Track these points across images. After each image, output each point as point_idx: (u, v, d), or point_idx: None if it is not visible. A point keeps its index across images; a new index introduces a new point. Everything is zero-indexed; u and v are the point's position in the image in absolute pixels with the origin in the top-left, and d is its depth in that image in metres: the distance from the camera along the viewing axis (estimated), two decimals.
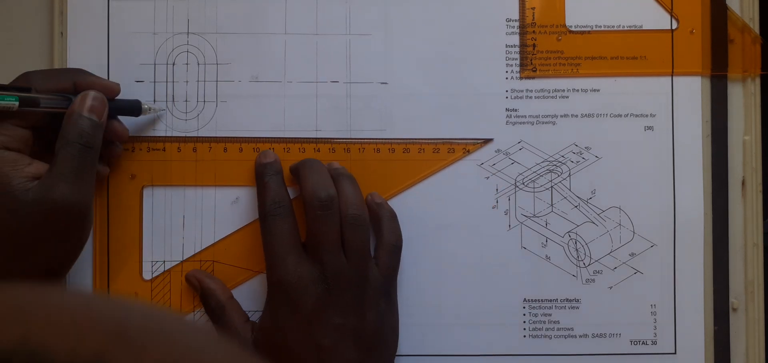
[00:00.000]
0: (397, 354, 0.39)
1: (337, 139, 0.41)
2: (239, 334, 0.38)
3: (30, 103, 0.33)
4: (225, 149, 0.41)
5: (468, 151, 0.41)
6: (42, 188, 0.32)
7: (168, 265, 0.40)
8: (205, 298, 0.39)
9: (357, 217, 0.37)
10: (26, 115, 0.33)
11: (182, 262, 0.40)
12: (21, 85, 0.34)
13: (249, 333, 0.38)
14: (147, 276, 0.40)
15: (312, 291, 0.36)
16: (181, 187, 0.40)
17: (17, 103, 0.32)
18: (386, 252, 0.39)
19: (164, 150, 0.40)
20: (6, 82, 0.40)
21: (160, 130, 0.40)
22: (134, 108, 0.38)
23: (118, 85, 0.38)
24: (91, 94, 0.35)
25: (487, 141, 0.41)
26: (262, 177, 0.38)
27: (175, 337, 0.15)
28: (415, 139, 0.41)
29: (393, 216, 0.40)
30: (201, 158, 0.40)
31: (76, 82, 0.36)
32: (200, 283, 0.39)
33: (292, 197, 0.39)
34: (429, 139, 0.41)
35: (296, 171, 0.39)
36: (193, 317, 0.41)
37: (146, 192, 0.40)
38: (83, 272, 0.36)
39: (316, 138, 0.41)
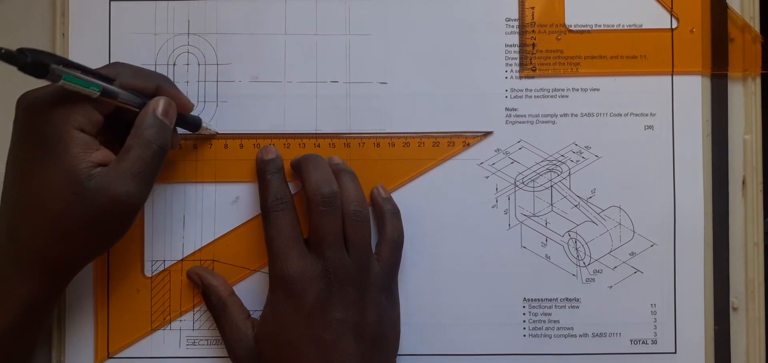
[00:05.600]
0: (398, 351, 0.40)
1: (337, 133, 0.41)
2: (240, 329, 0.38)
3: (109, 94, 0.33)
4: (225, 146, 0.41)
5: (468, 145, 0.41)
6: (106, 178, 0.33)
7: (168, 263, 0.41)
8: (206, 294, 0.39)
9: (358, 213, 0.37)
10: (104, 103, 0.34)
11: (182, 259, 0.41)
12: (108, 73, 0.34)
13: (250, 329, 0.38)
14: (148, 273, 0.41)
15: (314, 286, 0.36)
16: (182, 184, 0.41)
17: (99, 93, 0.33)
18: (388, 247, 0.39)
19: None
20: (8, 83, 0.41)
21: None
22: (195, 123, 0.39)
23: (193, 104, 0.39)
24: (166, 98, 0.36)
25: (487, 134, 0.41)
26: (264, 173, 0.39)
27: None
28: (415, 132, 0.41)
29: (396, 212, 0.40)
30: (201, 156, 0.41)
31: (160, 86, 0.36)
32: (201, 280, 0.39)
33: (293, 192, 0.39)
34: (429, 132, 0.41)
35: (297, 166, 0.39)
36: (193, 314, 0.41)
37: None
38: (84, 270, 0.36)
39: (316, 133, 0.41)
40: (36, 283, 0.34)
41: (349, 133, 0.41)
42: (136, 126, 0.34)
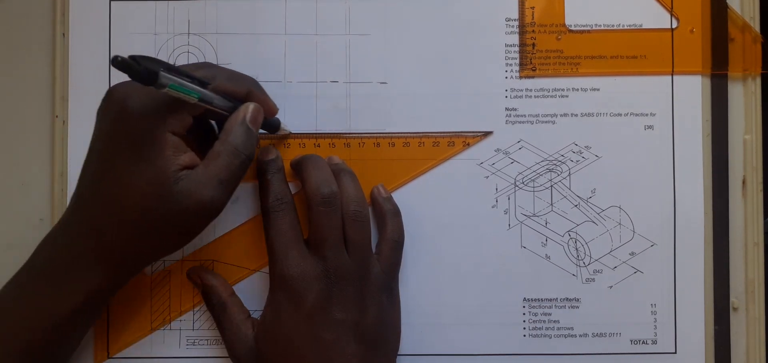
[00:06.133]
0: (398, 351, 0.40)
1: (337, 133, 0.41)
2: (240, 330, 0.38)
3: (206, 100, 0.34)
4: None
5: (468, 144, 0.41)
6: (193, 182, 0.33)
7: (168, 263, 0.41)
8: (206, 294, 0.39)
9: (358, 213, 0.37)
10: (198, 107, 0.34)
11: (182, 259, 0.41)
12: (204, 75, 0.34)
13: (250, 329, 0.38)
14: (148, 273, 0.41)
15: (314, 286, 0.36)
16: None
17: (197, 99, 0.33)
18: (388, 247, 0.39)
19: None
20: (7, 83, 0.41)
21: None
22: (275, 125, 0.39)
23: (278, 108, 0.39)
24: (255, 105, 0.36)
25: (487, 133, 0.41)
26: (264, 173, 0.39)
27: None
28: (415, 132, 0.41)
29: (396, 212, 0.40)
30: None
31: (251, 90, 0.37)
32: (202, 280, 0.39)
33: (293, 192, 0.39)
34: (429, 132, 0.41)
35: (297, 166, 0.39)
36: (193, 314, 0.41)
37: None
38: None
39: (316, 133, 0.41)
40: (105, 275, 0.34)
41: (349, 133, 0.41)
42: (226, 132, 0.35)
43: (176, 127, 0.33)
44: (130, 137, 0.32)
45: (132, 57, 0.28)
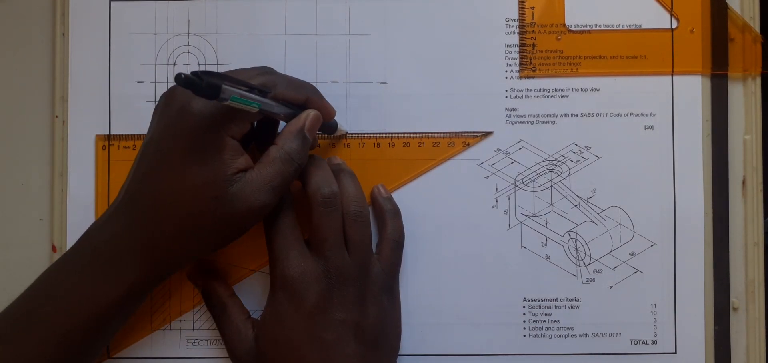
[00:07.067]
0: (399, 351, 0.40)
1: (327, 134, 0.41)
2: (240, 330, 0.38)
3: (267, 110, 0.34)
4: None
5: (468, 145, 0.41)
6: (247, 186, 0.34)
7: None
8: (206, 295, 0.39)
9: (359, 213, 0.37)
10: (258, 115, 0.34)
11: None
12: (263, 82, 0.35)
13: (250, 330, 0.38)
14: None
15: (315, 286, 0.36)
16: None
17: (258, 109, 0.33)
18: (389, 247, 0.39)
19: None
20: (7, 83, 0.41)
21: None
22: (333, 127, 0.40)
23: (335, 111, 0.39)
24: (315, 113, 0.37)
25: (487, 133, 0.41)
26: None
27: None
28: (416, 132, 0.41)
29: (397, 212, 0.40)
30: None
31: (309, 98, 0.37)
32: (201, 281, 0.39)
33: (293, 193, 0.39)
34: (429, 132, 0.41)
35: None
36: (193, 314, 0.41)
37: None
38: None
39: (317, 133, 0.41)
40: (147, 270, 0.34)
41: (349, 133, 0.41)
42: (283, 139, 0.35)
43: (235, 132, 0.34)
44: (190, 138, 0.33)
45: (194, 73, 0.29)
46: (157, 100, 0.40)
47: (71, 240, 0.40)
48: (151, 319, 0.41)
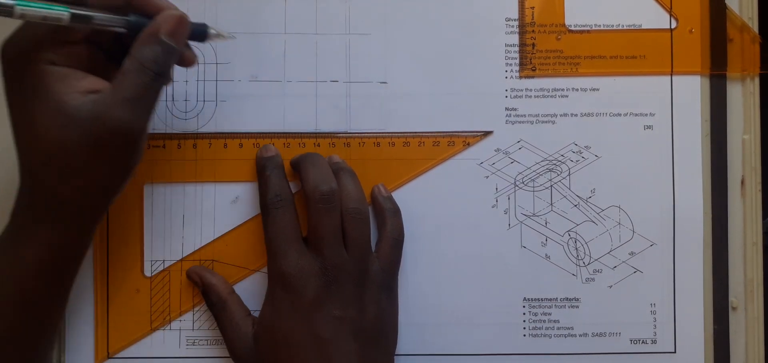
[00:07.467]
0: (396, 352, 0.39)
1: (337, 132, 0.41)
2: (240, 327, 0.38)
3: (82, 19, 0.32)
4: (225, 145, 0.41)
5: (468, 144, 0.41)
6: (100, 105, 0.31)
7: (168, 263, 0.40)
8: (206, 293, 0.39)
9: (358, 211, 0.37)
10: (77, 30, 0.32)
11: (182, 259, 0.40)
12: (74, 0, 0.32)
13: (250, 327, 0.38)
14: (148, 273, 0.40)
15: (312, 283, 0.36)
16: (181, 184, 0.41)
17: (68, 14, 0.31)
18: (388, 245, 0.39)
19: (164, 147, 0.40)
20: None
21: (160, 128, 0.40)
22: (201, 33, 0.36)
23: (185, 14, 0.34)
24: (175, 14, 0.33)
25: (487, 133, 0.41)
26: (264, 170, 0.39)
27: None
28: (415, 132, 0.41)
29: (396, 210, 0.40)
30: (201, 156, 0.40)
31: (132, 1, 0.33)
32: (201, 279, 0.39)
33: (293, 191, 0.39)
34: (429, 132, 0.41)
35: (297, 165, 0.39)
36: (193, 314, 0.41)
37: (147, 189, 0.40)
38: (84, 269, 0.36)
39: (316, 132, 0.41)
40: (54, 225, 0.33)
41: (349, 133, 0.41)
42: (135, 46, 0.33)
43: (55, 58, 0.32)
44: (17, 79, 0.32)
45: None
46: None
47: None
48: (151, 319, 0.40)
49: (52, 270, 0.34)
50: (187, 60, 0.36)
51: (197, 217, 0.40)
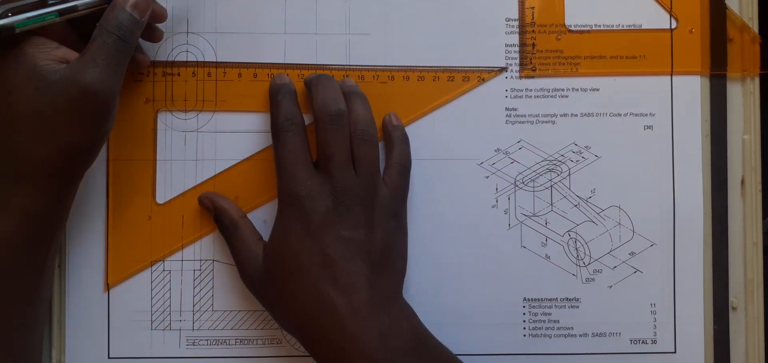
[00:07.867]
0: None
1: (352, 65, 0.41)
2: (251, 250, 0.38)
3: (69, 12, 0.34)
4: (239, 75, 0.41)
5: (483, 80, 0.41)
6: (71, 69, 0.33)
7: (167, 262, 0.40)
8: (218, 216, 0.39)
9: (366, 132, 0.38)
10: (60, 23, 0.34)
11: (195, 186, 0.40)
12: None
13: (260, 251, 0.38)
14: (160, 200, 0.40)
15: (321, 203, 0.36)
16: (195, 111, 0.41)
17: (57, 18, 0.33)
18: (395, 171, 0.39)
19: (179, 75, 0.41)
20: None
21: (181, 56, 0.41)
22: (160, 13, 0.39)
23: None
24: None
25: (502, 69, 0.41)
26: (276, 95, 0.39)
27: None
28: (430, 66, 0.41)
29: (405, 139, 0.40)
30: (216, 83, 0.41)
31: None
32: (213, 203, 0.39)
33: (307, 124, 0.39)
34: (444, 66, 0.41)
35: (309, 84, 0.40)
36: (193, 314, 0.41)
37: (160, 116, 0.40)
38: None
39: (331, 64, 0.41)
40: (31, 189, 0.34)
41: (364, 66, 0.41)
42: (102, 17, 0.35)
43: (35, 29, 0.34)
44: None
45: None
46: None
47: None
48: (151, 319, 0.40)
49: (30, 241, 0.35)
50: (155, 37, 0.39)
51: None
